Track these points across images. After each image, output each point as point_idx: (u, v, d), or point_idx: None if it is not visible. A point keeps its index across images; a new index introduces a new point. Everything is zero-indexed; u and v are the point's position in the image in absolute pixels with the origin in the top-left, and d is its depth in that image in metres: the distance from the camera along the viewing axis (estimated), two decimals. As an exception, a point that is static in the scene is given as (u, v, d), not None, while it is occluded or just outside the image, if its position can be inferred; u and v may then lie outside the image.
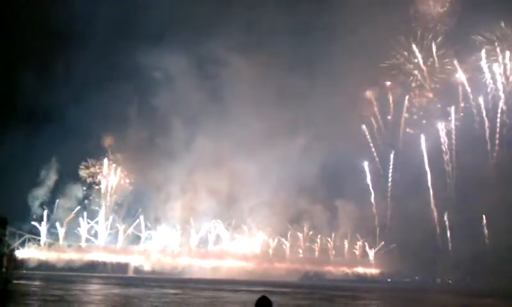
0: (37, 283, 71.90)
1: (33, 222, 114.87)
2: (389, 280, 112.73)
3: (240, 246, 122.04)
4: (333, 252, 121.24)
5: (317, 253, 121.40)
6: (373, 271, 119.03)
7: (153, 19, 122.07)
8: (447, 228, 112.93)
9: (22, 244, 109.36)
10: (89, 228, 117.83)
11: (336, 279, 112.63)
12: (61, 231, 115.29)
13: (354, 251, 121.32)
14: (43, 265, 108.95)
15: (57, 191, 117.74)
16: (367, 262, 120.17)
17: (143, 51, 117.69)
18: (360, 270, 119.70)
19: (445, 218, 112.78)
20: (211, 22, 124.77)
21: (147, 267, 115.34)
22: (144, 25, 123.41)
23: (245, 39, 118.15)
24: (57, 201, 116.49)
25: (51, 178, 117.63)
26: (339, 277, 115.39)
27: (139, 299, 54.02)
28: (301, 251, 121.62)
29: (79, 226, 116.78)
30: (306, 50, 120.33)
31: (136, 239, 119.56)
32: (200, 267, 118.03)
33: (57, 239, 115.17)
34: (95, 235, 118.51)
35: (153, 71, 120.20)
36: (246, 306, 46.14)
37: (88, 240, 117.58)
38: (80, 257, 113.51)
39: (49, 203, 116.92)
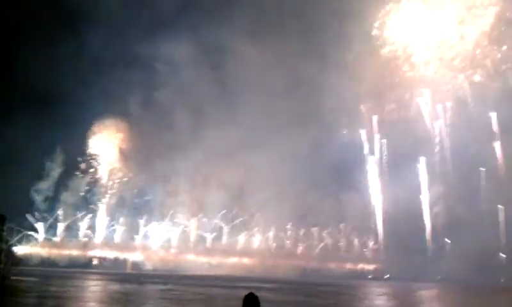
0: (35, 279, 71.64)
1: (34, 217, 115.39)
2: (387, 276, 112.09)
3: (245, 242, 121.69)
4: (332, 248, 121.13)
5: (317, 249, 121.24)
6: (371, 267, 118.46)
7: (159, 5, 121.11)
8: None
9: (21, 240, 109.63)
10: (90, 224, 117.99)
11: (334, 275, 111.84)
12: (62, 227, 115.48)
13: (354, 247, 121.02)
14: (45, 262, 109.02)
15: (61, 185, 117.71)
16: (365, 258, 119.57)
17: (148, 39, 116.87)
18: (358, 266, 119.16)
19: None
20: (218, 8, 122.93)
21: (147, 263, 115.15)
22: (151, 11, 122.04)
23: (254, 26, 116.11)
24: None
25: (55, 170, 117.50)
26: (338, 273, 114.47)
27: (136, 295, 53.75)
28: (301, 247, 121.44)
29: (80, 222, 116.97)
30: (318, 37, 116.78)
31: (136, 234, 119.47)
32: (203, 263, 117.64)
33: (58, 235, 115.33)
34: (96, 231, 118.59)
35: (158, 59, 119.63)
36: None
37: (88, 236, 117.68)
38: (80, 253, 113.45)
39: (53, 198, 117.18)
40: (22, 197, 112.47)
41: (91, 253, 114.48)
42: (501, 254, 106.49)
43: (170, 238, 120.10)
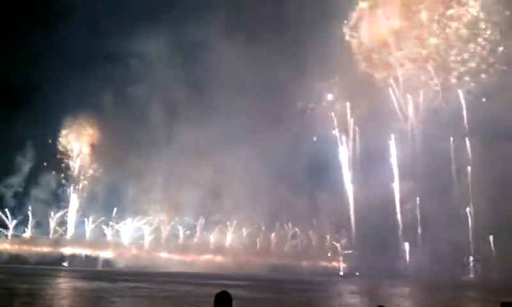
0: (3, 276, 70.57)
1: (4, 213, 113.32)
2: (357, 274, 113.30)
3: (219, 240, 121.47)
4: (305, 246, 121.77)
5: (289, 247, 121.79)
6: (341, 265, 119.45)
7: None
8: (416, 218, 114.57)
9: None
10: (61, 220, 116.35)
11: (305, 272, 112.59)
12: (32, 224, 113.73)
13: (326, 244, 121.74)
14: (14, 259, 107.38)
15: (31, 180, 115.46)
16: (336, 256, 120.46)
17: (123, 34, 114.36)
18: (329, 263, 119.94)
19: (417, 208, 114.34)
20: (196, 5, 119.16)
21: (119, 260, 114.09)
22: (127, 6, 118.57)
23: (231, 25, 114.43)
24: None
25: (26, 165, 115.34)
26: (309, 271, 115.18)
27: (105, 293, 53.37)
28: (273, 244, 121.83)
29: (51, 218, 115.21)
30: (295, 36, 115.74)
31: (108, 232, 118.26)
32: (176, 260, 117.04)
33: (28, 231, 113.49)
34: (67, 227, 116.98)
35: (133, 55, 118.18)
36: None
37: (59, 233, 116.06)
38: (50, 250, 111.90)
39: (23, 193, 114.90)
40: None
41: (62, 250, 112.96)
42: (470, 250, 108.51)
43: (143, 235, 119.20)
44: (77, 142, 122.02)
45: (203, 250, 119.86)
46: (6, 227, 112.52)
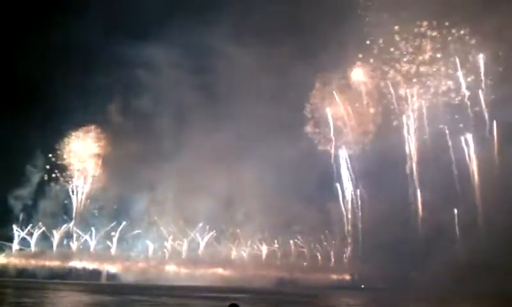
0: (8, 290, 70.37)
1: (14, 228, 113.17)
2: (362, 286, 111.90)
3: (228, 252, 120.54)
4: (311, 258, 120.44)
5: (296, 259, 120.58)
6: (346, 277, 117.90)
7: (142, 8, 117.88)
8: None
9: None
10: (68, 234, 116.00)
11: (312, 285, 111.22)
12: (40, 237, 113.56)
13: (332, 257, 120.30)
14: (20, 273, 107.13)
15: (39, 191, 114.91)
16: (341, 268, 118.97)
17: (132, 43, 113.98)
18: (336, 276, 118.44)
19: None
20: (204, 10, 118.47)
21: (127, 274, 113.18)
22: (134, 15, 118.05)
23: (241, 29, 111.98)
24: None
25: (35, 175, 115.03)
26: (316, 283, 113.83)
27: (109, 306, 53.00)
28: (281, 257, 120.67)
29: (59, 231, 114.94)
30: (308, 40, 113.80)
31: (116, 244, 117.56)
32: (184, 273, 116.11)
33: (34, 245, 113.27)
34: (74, 241, 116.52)
35: (142, 64, 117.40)
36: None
37: (66, 246, 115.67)
38: (58, 264, 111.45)
39: (32, 206, 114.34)
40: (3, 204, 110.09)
41: (69, 264, 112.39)
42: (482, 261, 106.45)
43: (151, 248, 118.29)
44: (85, 152, 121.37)
45: (213, 263, 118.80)
46: (11, 240, 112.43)
